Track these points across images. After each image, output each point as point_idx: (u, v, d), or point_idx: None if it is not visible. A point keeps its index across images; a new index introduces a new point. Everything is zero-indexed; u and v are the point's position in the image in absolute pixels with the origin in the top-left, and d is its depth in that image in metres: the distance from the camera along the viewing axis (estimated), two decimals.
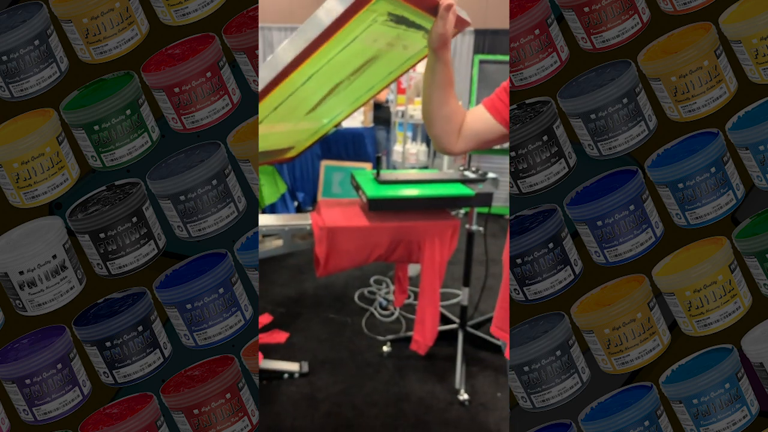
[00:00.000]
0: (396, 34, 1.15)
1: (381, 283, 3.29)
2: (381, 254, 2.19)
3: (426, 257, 2.22)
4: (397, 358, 2.54)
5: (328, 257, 2.07)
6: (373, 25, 1.05)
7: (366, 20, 1.00)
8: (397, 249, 2.22)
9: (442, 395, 2.28)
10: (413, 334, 2.35)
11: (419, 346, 2.33)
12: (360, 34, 1.05)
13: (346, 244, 2.09)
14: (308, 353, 2.54)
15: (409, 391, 2.30)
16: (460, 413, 2.17)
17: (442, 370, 2.46)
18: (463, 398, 2.24)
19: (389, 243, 2.18)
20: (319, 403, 2.15)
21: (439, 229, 2.19)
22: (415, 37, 1.23)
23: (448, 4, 1.02)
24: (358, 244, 2.12)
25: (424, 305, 2.30)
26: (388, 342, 2.61)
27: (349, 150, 4.82)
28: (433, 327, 2.31)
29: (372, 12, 0.97)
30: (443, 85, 1.14)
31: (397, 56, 1.34)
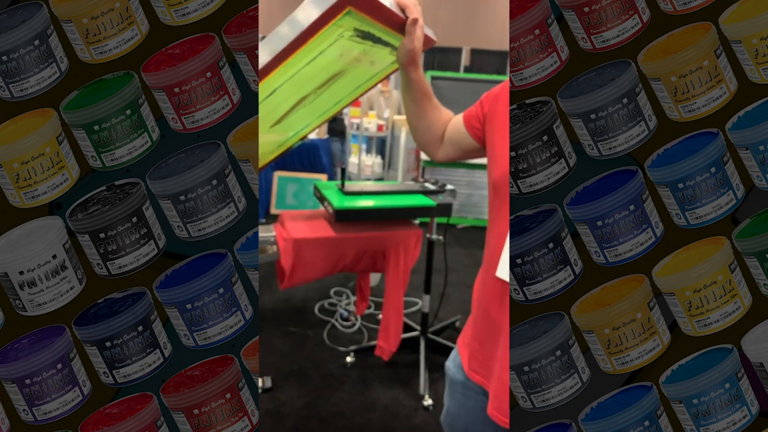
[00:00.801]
0: (362, 49, 1.16)
1: (341, 294, 3.32)
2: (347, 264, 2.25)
3: (391, 266, 2.30)
4: (360, 367, 2.59)
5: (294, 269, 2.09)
6: (340, 40, 1.06)
7: (332, 35, 1.01)
8: (363, 259, 2.29)
9: (407, 402, 2.36)
10: (378, 341, 2.42)
11: (383, 352, 2.40)
12: (326, 49, 1.06)
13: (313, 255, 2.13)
14: (270, 368, 2.54)
15: (374, 399, 2.36)
16: (426, 418, 2.26)
17: (406, 377, 2.53)
18: (428, 403, 2.33)
19: (355, 253, 2.24)
20: (285, 417, 2.16)
21: (404, 238, 2.28)
22: (382, 54, 1.25)
23: (414, 18, 1.05)
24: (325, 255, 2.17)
25: (389, 312, 2.37)
26: (351, 352, 2.65)
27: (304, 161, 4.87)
28: (396, 333, 2.39)
29: (339, 27, 0.98)
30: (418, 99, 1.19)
31: (364, 72, 1.35)
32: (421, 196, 2.39)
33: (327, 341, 2.78)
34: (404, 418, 2.25)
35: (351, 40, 1.08)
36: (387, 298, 2.35)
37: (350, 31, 1.03)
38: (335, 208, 2.10)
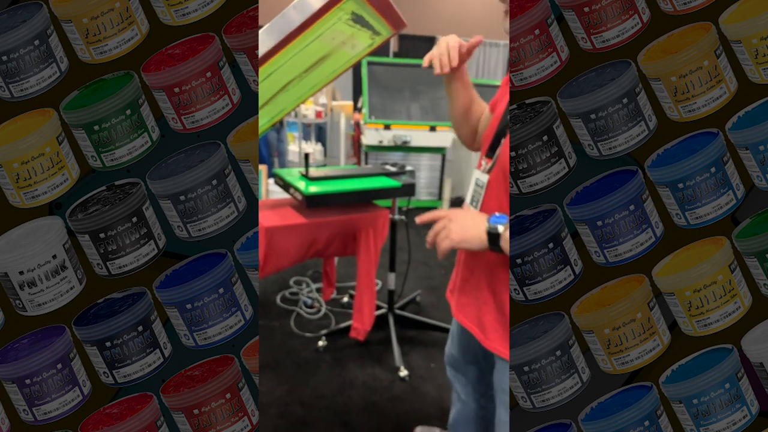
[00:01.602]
0: (351, 33, 1.20)
1: (301, 283, 3.35)
2: (318, 249, 2.28)
3: (362, 247, 2.34)
4: (333, 350, 2.64)
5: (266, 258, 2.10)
6: (337, 23, 1.09)
7: (333, 18, 1.04)
8: (334, 242, 2.32)
9: (383, 375, 2.45)
10: (352, 322, 2.47)
11: (358, 333, 2.46)
12: (324, 32, 1.09)
13: (285, 243, 2.13)
14: None
15: (352, 378, 2.43)
16: (403, 387, 2.37)
17: (378, 353, 2.63)
18: (404, 374, 2.44)
19: (327, 237, 2.26)
20: (267, 407, 2.20)
21: (373, 220, 2.33)
22: (363, 37, 1.28)
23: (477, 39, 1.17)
24: (297, 242, 2.18)
25: (362, 292, 2.42)
26: (323, 337, 2.70)
27: None
28: (370, 313, 2.46)
29: (340, 10, 1.01)
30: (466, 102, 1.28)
31: (345, 55, 1.39)
32: (384, 177, 2.43)
33: (295, 329, 2.82)
34: (383, 391, 2.33)
35: (345, 23, 1.11)
36: (359, 278, 2.40)
37: (348, 14, 1.06)
38: (305, 194, 2.11)
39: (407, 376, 2.43)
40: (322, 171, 2.42)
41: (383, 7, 1.08)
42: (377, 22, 1.17)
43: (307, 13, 0.95)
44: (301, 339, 2.73)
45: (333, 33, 1.14)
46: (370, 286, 2.42)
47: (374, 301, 2.49)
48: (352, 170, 2.51)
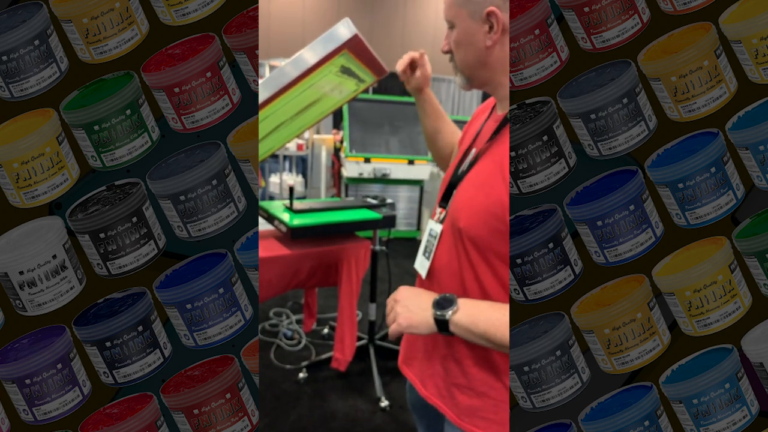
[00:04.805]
0: (339, 81, 1.31)
1: (281, 314, 3.36)
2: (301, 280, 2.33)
3: (344, 278, 2.39)
4: (314, 382, 2.64)
5: None
6: (328, 75, 1.18)
7: (325, 71, 1.13)
8: (316, 273, 2.37)
9: (364, 406, 2.45)
10: (333, 353, 2.50)
11: (340, 363, 2.49)
12: (316, 83, 1.19)
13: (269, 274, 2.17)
14: None
15: (333, 410, 2.42)
16: (385, 418, 2.37)
17: (360, 384, 2.62)
18: (385, 404, 2.44)
19: (309, 269, 2.31)
20: None
21: (355, 251, 2.40)
22: (350, 84, 1.40)
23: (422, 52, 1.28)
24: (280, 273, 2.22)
25: (343, 323, 2.45)
26: (303, 368, 2.70)
27: None
28: (352, 343, 2.49)
29: (331, 65, 1.11)
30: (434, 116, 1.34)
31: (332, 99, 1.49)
32: (365, 210, 2.51)
33: (275, 361, 2.81)
34: (365, 422, 2.33)
35: (334, 74, 1.22)
36: (341, 309, 2.43)
37: (338, 67, 1.16)
38: (290, 226, 2.14)
39: (388, 406, 2.43)
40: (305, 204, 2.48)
41: (368, 59, 1.22)
42: (362, 72, 1.30)
43: (302, 69, 1.05)
44: (281, 371, 2.72)
45: (323, 83, 1.24)
46: (352, 317, 2.45)
47: (355, 331, 2.51)
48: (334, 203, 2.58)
